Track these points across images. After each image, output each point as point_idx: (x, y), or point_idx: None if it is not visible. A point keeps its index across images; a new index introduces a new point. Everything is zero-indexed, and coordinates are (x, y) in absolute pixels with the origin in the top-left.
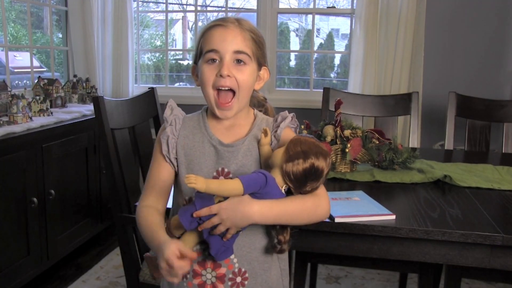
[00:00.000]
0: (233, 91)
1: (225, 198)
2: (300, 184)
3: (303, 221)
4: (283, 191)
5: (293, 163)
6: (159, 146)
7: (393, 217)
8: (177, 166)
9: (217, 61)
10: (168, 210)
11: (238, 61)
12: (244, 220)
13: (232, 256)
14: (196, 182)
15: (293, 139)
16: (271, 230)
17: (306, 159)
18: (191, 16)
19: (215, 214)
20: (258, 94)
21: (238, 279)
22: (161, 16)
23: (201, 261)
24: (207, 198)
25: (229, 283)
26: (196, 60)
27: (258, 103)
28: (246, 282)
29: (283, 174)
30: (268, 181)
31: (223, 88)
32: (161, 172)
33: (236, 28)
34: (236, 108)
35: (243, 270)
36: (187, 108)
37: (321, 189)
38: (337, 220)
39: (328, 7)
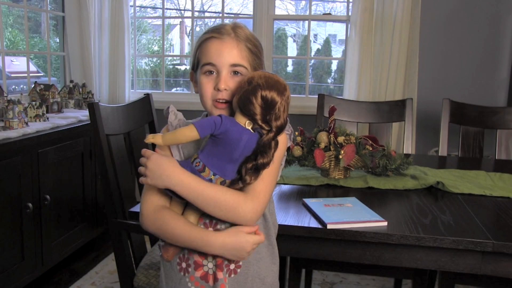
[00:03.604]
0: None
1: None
2: (263, 118)
3: (218, 213)
4: (246, 126)
5: (246, 101)
6: (167, 150)
7: (385, 223)
8: None
9: (214, 73)
10: None
11: (235, 72)
12: (164, 179)
13: None
14: (155, 138)
15: (242, 81)
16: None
17: (255, 94)
18: (188, 21)
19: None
20: None
21: (232, 266)
22: (159, 22)
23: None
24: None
25: (225, 269)
26: (193, 67)
27: None
28: (238, 270)
29: (243, 113)
30: (223, 119)
31: (220, 101)
32: None
33: (232, 41)
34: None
35: None
36: (185, 113)
37: (261, 187)
38: (329, 226)
39: (324, 14)
